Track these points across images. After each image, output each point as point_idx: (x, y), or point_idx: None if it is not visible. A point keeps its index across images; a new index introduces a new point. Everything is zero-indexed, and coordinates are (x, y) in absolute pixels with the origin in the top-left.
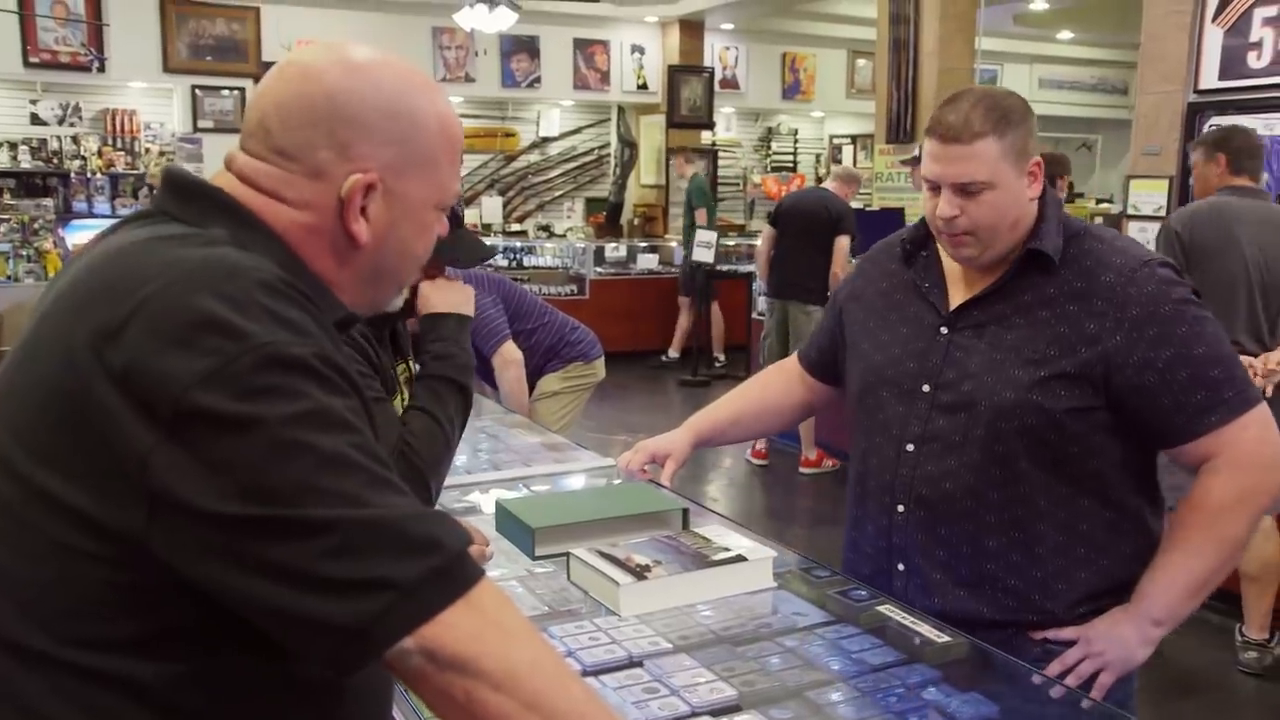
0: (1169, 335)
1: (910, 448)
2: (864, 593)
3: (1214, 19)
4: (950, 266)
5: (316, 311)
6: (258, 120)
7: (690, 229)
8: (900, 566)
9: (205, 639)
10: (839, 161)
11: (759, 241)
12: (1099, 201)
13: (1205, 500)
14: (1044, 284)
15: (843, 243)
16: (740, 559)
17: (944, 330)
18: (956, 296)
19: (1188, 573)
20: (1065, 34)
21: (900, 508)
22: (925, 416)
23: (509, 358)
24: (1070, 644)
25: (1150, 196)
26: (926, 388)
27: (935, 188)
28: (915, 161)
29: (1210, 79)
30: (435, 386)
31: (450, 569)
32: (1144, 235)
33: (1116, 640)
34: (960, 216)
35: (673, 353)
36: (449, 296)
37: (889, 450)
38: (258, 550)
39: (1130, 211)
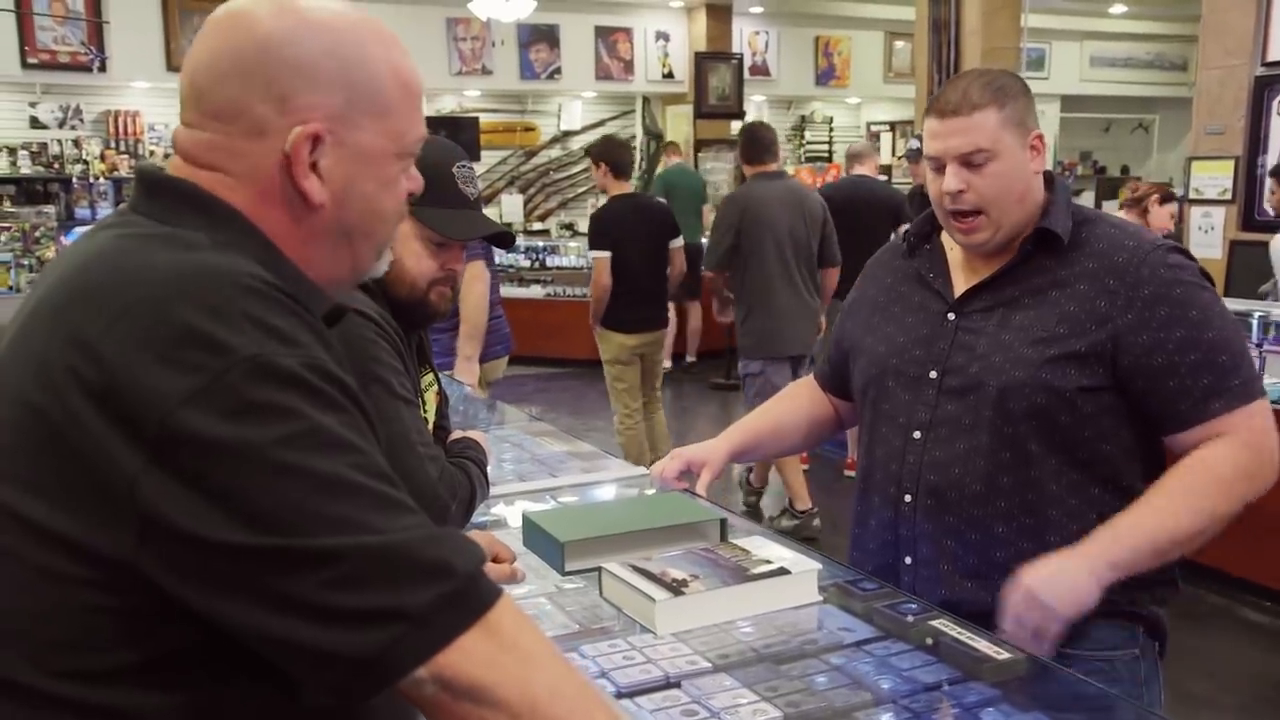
0: (1180, 317)
1: (917, 435)
2: (915, 605)
3: None
4: (954, 255)
5: (304, 312)
6: (189, 84)
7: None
8: (908, 559)
9: (205, 666)
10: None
11: None
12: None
13: (1203, 466)
14: (1054, 266)
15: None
16: (783, 572)
17: (951, 316)
18: (961, 284)
19: (1164, 532)
20: (1118, 8)
21: (908, 497)
22: (933, 403)
23: (478, 273)
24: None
25: (1214, 179)
26: (934, 374)
27: (939, 168)
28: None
29: None
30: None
31: (464, 592)
32: (1208, 220)
33: (1061, 575)
34: (967, 191)
35: (690, 356)
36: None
37: (895, 440)
38: (259, 580)
39: (1192, 195)
